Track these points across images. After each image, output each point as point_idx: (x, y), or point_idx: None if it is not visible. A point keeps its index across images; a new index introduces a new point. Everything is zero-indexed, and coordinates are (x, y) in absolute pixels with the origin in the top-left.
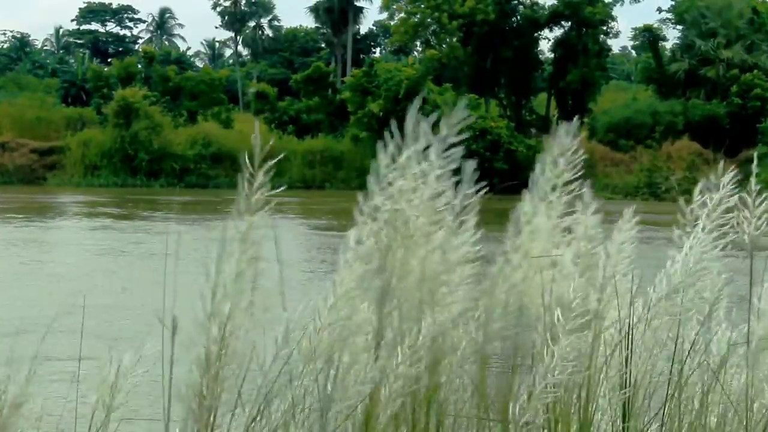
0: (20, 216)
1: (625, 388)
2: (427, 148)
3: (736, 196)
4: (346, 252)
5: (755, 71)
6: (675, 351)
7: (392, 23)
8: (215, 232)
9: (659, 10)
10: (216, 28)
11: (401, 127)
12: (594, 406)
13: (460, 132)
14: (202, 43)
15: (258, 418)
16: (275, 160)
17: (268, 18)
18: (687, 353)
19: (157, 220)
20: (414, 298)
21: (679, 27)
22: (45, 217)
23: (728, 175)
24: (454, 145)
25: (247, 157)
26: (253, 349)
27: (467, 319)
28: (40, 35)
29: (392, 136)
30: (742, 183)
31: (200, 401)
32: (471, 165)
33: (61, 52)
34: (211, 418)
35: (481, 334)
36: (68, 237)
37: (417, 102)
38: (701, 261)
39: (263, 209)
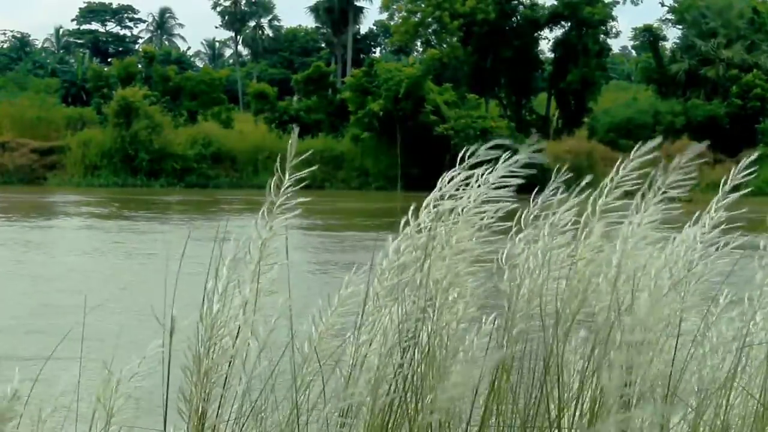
0: (3, 216)
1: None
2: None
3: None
4: (382, 261)
5: (755, 71)
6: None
7: (392, 23)
8: (212, 232)
9: (662, 4)
10: (216, 28)
11: (402, 128)
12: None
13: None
14: (202, 43)
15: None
16: (310, 170)
17: (268, 18)
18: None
19: (157, 221)
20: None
21: (680, 27)
22: (33, 216)
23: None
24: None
25: (278, 162)
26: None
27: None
28: (40, 35)
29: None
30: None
31: (191, 400)
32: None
33: (61, 52)
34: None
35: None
36: (56, 237)
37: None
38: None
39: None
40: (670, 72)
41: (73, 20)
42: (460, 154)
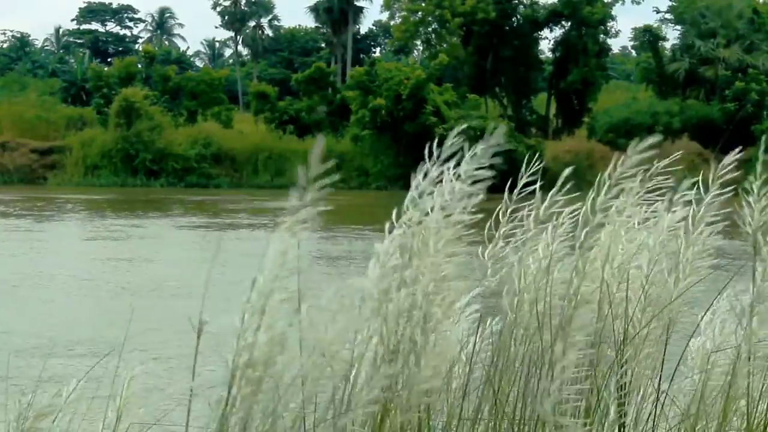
0: None
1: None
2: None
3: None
4: (374, 264)
5: (754, 71)
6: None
7: (393, 23)
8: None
9: (657, 10)
10: (216, 28)
11: (402, 128)
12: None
13: (493, 156)
14: (202, 43)
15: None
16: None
17: (268, 18)
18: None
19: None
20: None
21: (679, 27)
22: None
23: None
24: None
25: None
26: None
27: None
28: (40, 35)
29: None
30: (741, 182)
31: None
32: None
33: (61, 52)
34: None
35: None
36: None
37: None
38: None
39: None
40: (670, 72)
41: (73, 20)
42: (432, 150)
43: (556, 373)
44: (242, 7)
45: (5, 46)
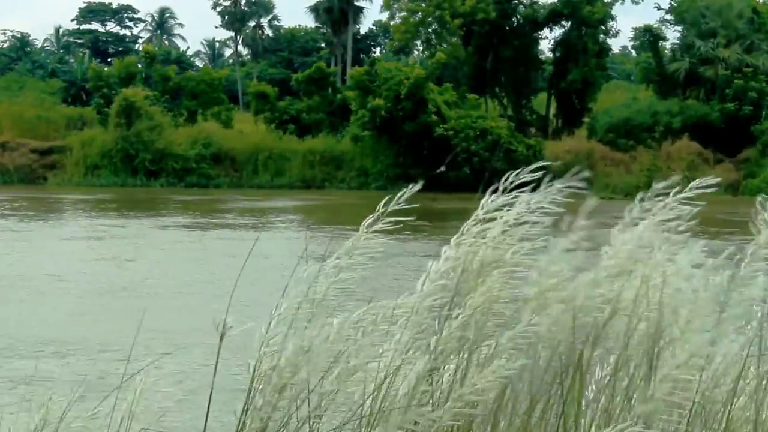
0: None
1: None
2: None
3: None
4: (424, 282)
5: (754, 71)
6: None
7: (393, 23)
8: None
9: (658, 7)
10: (216, 28)
11: (402, 128)
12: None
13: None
14: (202, 43)
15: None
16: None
17: (268, 18)
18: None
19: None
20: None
21: (679, 28)
22: None
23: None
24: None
25: None
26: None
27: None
28: (40, 35)
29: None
30: (740, 182)
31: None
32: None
33: (61, 52)
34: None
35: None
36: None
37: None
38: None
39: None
40: (670, 72)
41: (73, 20)
42: (505, 179)
43: (662, 375)
44: (242, 7)
45: (5, 46)
